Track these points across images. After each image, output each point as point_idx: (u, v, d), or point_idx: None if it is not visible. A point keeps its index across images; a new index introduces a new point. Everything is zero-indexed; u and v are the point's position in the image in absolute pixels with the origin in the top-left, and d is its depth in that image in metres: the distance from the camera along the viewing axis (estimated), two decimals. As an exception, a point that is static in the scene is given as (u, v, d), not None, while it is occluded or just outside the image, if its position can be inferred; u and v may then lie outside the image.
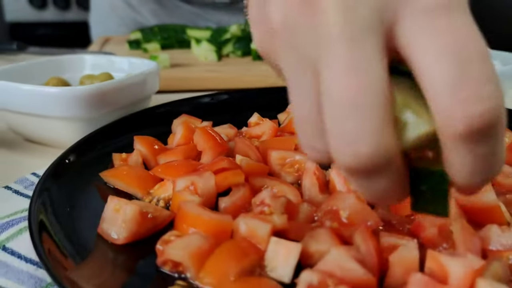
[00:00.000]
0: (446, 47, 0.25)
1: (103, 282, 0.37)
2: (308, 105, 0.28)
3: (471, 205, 0.44)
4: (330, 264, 0.36)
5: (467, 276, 0.34)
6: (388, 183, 0.28)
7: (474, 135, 0.25)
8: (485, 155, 0.26)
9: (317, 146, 0.29)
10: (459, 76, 0.24)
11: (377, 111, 0.25)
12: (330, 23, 0.26)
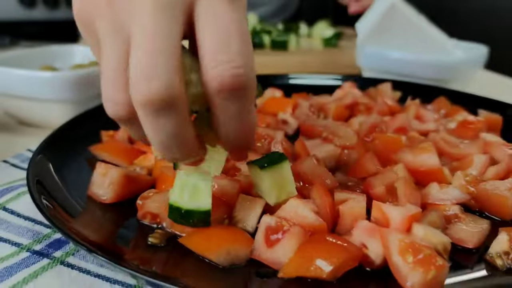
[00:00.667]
0: (216, 27, 0.32)
1: (95, 230, 0.42)
2: (116, 63, 0.33)
3: (417, 168, 0.50)
4: (287, 212, 0.42)
5: (404, 221, 0.40)
6: (175, 126, 0.33)
7: (227, 92, 0.32)
8: (236, 113, 0.34)
9: (119, 99, 0.34)
10: (219, 46, 0.32)
11: (170, 60, 0.31)
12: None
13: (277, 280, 0.37)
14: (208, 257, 0.39)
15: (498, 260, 0.40)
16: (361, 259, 0.39)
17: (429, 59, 0.84)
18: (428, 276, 0.35)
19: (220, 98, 0.33)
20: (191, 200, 0.40)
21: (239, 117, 0.34)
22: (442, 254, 0.40)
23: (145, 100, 0.31)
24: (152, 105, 0.32)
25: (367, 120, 0.59)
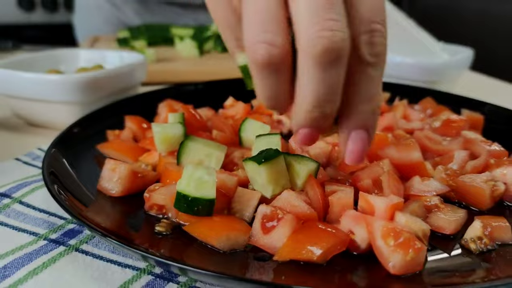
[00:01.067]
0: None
1: (106, 219, 0.46)
2: (275, 8, 0.34)
3: (401, 163, 0.54)
4: (281, 202, 0.46)
5: (388, 209, 0.44)
6: (338, 78, 0.34)
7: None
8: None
9: (277, 41, 0.34)
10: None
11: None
12: None
13: (272, 263, 0.41)
14: (210, 242, 0.43)
15: (472, 244, 0.44)
16: (348, 244, 0.43)
17: (417, 62, 0.89)
18: (407, 257, 0.39)
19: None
20: (197, 190, 0.45)
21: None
22: (422, 239, 0.44)
23: (323, 49, 0.32)
24: (329, 55, 0.32)
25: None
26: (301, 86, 0.35)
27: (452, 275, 0.41)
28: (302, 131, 0.38)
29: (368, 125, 0.38)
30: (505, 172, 0.53)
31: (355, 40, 0.35)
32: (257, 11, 0.34)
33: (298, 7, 0.33)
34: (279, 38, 0.34)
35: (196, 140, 0.54)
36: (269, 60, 0.34)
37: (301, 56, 0.34)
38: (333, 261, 0.42)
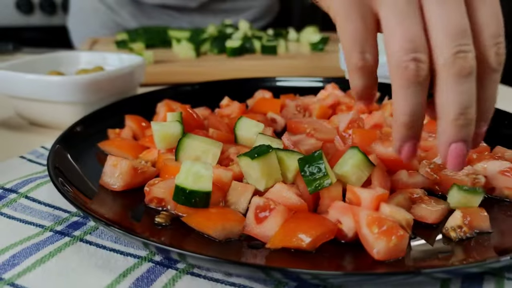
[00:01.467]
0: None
1: (108, 211, 0.49)
2: (420, 32, 0.41)
3: (388, 158, 0.57)
4: (273, 194, 0.49)
5: (373, 200, 0.47)
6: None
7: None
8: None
9: (423, 59, 0.40)
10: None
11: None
12: None
13: (265, 251, 0.44)
14: (206, 232, 0.46)
15: (452, 232, 0.47)
16: (336, 233, 0.46)
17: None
18: (390, 244, 0.42)
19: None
20: (194, 183, 0.47)
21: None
22: (406, 228, 0.47)
23: (461, 67, 0.40)
24: (466, 71, 0.40)
25: (346, 117, 0.66)
26: (443, 100, 0.41)
27: (432, 259, 0.44)
28: (454, 146, 0.42)
29: (488, 118, 0.45)
30: (486, 166, 0.56)
31: (486, 53, 0.41)
32: (404, 32, 0.40)
33: (437, 34, 0.40)
34: (425, 57, 0.40)
35: (193, 137, 0.57)
36: (418, 76, 0.40)
37: (441, 75, 0.41)
38: (322, 248, 0.45)
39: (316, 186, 0.49)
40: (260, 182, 0.51)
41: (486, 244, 0.46)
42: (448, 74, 0.40)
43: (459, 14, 0.40)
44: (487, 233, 0.48)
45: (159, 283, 0.42)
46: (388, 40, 0.42)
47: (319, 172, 0.49)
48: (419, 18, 0.41)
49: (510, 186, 0.54)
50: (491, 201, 0.55)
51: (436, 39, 0.40)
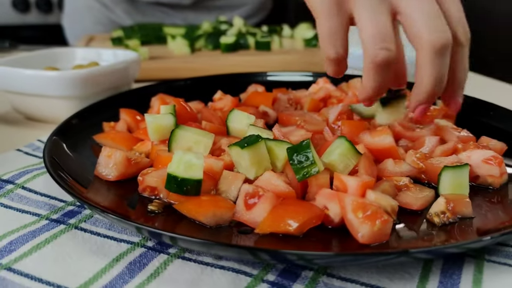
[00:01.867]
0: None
1: (102, 200, 0.50)
2: (385, 20, 0.50)
3: (375, 147, 0.59)
4: (262, 181, 0.50)
5: (359, 187, 0.49)
6: (447, 63, 0.52)
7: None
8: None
9: (391, 47, 0.50)
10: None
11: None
12: None
13: (254, 236, 0.46)
14: (197, 218, 0.48)
15: (436, 218, 0.49)
16: (323, 218, 0.48)
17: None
18: (374, 228, 0.44)
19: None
20: (186, 171, 0.49)
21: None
22: (391, 214, 0.49)
23: (441, 44, 0.49)
24: (445, 47, 0.50)
25: (335, 109, 0.68)
26: (422, 73, 0.52)
27: (415, 242, 0.45)
28: (420, 107, 0.56)
29: (463, 86, 0.58)
30: (470, 155, 0.58)
31: (456, 33, 0.52)
32: (374, 26, 0.50)
33: (414, 20, 0.50)
34: (393, 45, 0.50)
35: (185, 128, 0.58)
36: (386, 61, 0.51)
37: (421, 52, 0.51)
38: (309, 233, 0.46)
39: (304, 174, 0.51)
40: (250, 170, 0.53)
41: (468, 228, 0.48)
42: (429, 51, 0.50)
43: (432, 4, 0.51)
44: (470, 218, 0.49)
45: (151, 267, 0.43)
46: (361, 33, 0.52)
47: (306, 161, 0.51)
48: (387, 14, 0.51)
49: (493, 174, 0.56)
50: (476, 189, 0.56)
51: (413, 25, 0.50)
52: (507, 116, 0.73)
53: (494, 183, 0.56)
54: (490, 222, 0.49)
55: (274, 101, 0.80)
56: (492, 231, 0.46)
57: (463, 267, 0.44)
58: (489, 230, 0.47)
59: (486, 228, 0.48)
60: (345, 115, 0.67)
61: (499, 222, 0.49)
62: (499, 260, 0.45)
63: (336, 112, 0.67)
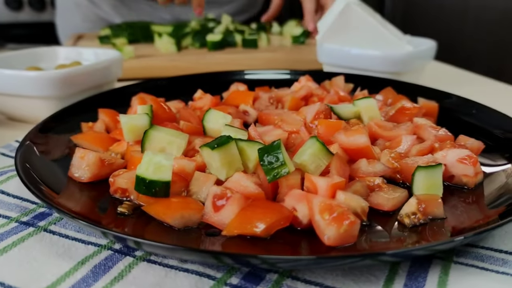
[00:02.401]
0: None
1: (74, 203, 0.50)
2: None
3: (350, 147, 0.59)
4: (232, 183, 0.50)
5: (329, 188, 0.49)
6: None
7: None
8: None
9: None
10: None
11: None
12: None
13: (221, 238, 0.46)
14: (165, 220, 0.47)
15: (406, 219, 0.49)
16: (292, 220, 0.47)
17: (382, 54, 0.93)
18: (340, 230, 0.43)
19: None
20: (154, 173, 0.49)
21: None
22: (361, 215, 0.48)
23: None
24: None
25: (313, 108, 0.67)
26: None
27: (383, 244, 0.45)
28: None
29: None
30: (445, 155, 0.57)
31: None
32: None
33: None
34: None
35: (159, 129, 0.58)
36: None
37: None
38: (277, 235, 0.46)
39: (274, 175, 0.50)
40: (221, 171, 0.52)
41: (438, 229, 0.47)
42: None
43: None
44: (442, 219, 0.49)
45: (115, 270, 0.43)
46: None
47: (277, 162, 0.50)
48: None
49: (468, 174, 0.56)
50: (451, 189, 0.56)
51: None
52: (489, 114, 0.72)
53: (469, 182, 0.56)
54: (462, 223, 0.49)
55: (255, 100, 0.80)
56: (463, 232, 0.46)
57: (430, 269, 0.43)
58: (460, 231, 0.47)
59: (457, 229, 0.48)
60: (323, 114, 0.67)
61: (471, 223, 0.48)
62: (467, 262, 0.45)
63: (314, 111, 0.67)
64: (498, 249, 0.46)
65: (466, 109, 0.76)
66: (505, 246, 0.47)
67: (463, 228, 0.47)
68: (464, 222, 0.49)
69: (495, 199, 0.52)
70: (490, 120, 0.71)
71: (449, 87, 0.88)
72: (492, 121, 0.70)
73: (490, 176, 0.58)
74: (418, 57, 0.95)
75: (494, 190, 0.55)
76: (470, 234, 0.42)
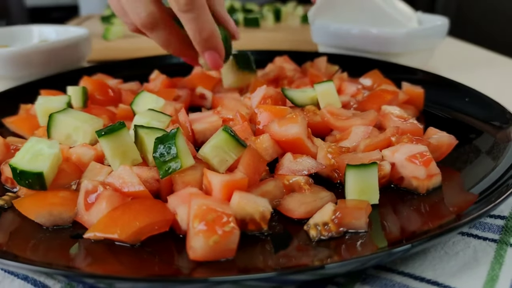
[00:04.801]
0: None
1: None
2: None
3: (281, 137, 0.49)
4: (114, 177, 0.43)
5: (222, 187, 0.40)
6: (164, 34, 0.57)
7: (182, 7, 0.53)
8: (192, 19, 0.54)
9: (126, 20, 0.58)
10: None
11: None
12: None
13: (84, 242, 0.39)
14: (30, 217, 0.41)
15: (313, 230, 0.39)
16: (174, 224, 0.40)
17: (378, 32, 0.80)
18: (209, 242, 0.35)
19: (182, 12, 0.54)
20: (29, 163, 0.43)
21: (194, 23, 0.54)
22: (260, 222, 0.39)
23: (140, 25, 0.56)
24: (145, 27, 0.56)
25: (259, 92, 0.58)
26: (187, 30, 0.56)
27: (262, 263, 0.36)
28: (207, 55, 0.58)
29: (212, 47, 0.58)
30: (396, 151, 0.47)
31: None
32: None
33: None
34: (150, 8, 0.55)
35: (66, 113, 0.52)
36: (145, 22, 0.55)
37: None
38: (149, 242, 0.38)
39: (166, 169, 0.43)
40: (114, 162, 0.45)
41: (347, 247, 0.38)
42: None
43: None
44: (363, 232, 0.39)
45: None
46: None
47: (169, 154, 0.42)
48: None
49: (418, 176, 0.45)
50: (402, 195, 0.45)
51: None
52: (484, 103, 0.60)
53: (419, 187, 0.45)
54: (381, 241, 0.38)
55: (219, 83, 0.72)
56: (375, 251, 0.36)
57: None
58: (376, 249, 0.37)
59: (370, 248, 0.37)
60: (271, 99, 0.58)
61: (393, 240, 0.38)
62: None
63: (260, 95, 0.58)
64: (416, 275, 0.36)
65: (458, 97, 0.63)
66: (427, 272, 0.36)
67: (379, 247, 0.37)
68: (383, 240, 0.39)
69: (448, 213, 0.41)
70: (482, 110, 0.59)
71: (465, 70, 0.74)
72: (483, 112, 0.58)
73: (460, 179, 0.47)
74: (422, 36, 0.82)
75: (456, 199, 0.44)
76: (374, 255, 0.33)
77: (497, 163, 0.47)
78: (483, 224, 0.42)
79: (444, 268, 0.37)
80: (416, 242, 0.34)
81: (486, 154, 0.50)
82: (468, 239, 0.40)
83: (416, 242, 0.34)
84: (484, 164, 0.48)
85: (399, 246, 0.34)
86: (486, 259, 0.38)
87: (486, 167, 0.47)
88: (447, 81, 0.68)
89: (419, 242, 0.34)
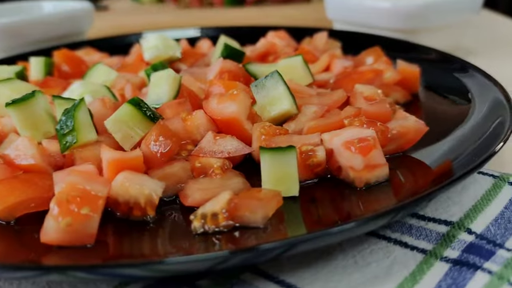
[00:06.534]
0: None
1: None
2: None
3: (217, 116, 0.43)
4: (12, 148, 0.39)
5: (109, 165, 0.36)
6: None
7: None
8: None
9: None
10: None
11: None
12: None
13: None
14: None
15: (196, 221, 0.33)
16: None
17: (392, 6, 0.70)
18: (61, 224, 0.31)
19: None
20: None
21: None
22: (145, 207, 0.34)
23: None
24: None
25: (215, 66, 0.52)
26: None
27: (123, 253, 0.31)
28: None
29: None
30: (335, 135, 0.39)
31: None
32: None
33: None
34: None
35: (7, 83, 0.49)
36: None
37: None
38: (28, 220, 0.35)
39: (64, 143, 0.39)
40: (24, 134, 0.42)
41: (226, 242, 0.31)
42: None
43: None
44: (251, 230, 0.32)
45: None
46: None
47: (67, 127, 0.38)
48: None
49: (353, 166, 0.37)
50: (342, 188, 0.37)
51: None
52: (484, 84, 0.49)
53: (356, 179, 0.37)
54: (277, 238, 0.32)
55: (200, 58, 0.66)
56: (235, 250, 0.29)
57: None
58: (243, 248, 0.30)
59: (249, 245, 0.30)
60: (227, 74, 0.51)
61: (286, 239, 0.31)
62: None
63: (215, 70, 0.52)
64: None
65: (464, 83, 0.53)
66: (316, 283, 0.29)
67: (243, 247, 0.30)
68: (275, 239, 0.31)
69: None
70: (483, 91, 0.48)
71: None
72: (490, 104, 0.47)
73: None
74: (443, 10, 0.70)
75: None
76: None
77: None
78: (421, 229, 0.33)
79: (341, 281, 0.29)
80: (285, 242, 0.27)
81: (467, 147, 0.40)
82: (393, 248, 0.32)
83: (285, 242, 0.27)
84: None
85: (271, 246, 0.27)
86: (399, 274, 0.29)
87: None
88: (464, 65, 0.56)
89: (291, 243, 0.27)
